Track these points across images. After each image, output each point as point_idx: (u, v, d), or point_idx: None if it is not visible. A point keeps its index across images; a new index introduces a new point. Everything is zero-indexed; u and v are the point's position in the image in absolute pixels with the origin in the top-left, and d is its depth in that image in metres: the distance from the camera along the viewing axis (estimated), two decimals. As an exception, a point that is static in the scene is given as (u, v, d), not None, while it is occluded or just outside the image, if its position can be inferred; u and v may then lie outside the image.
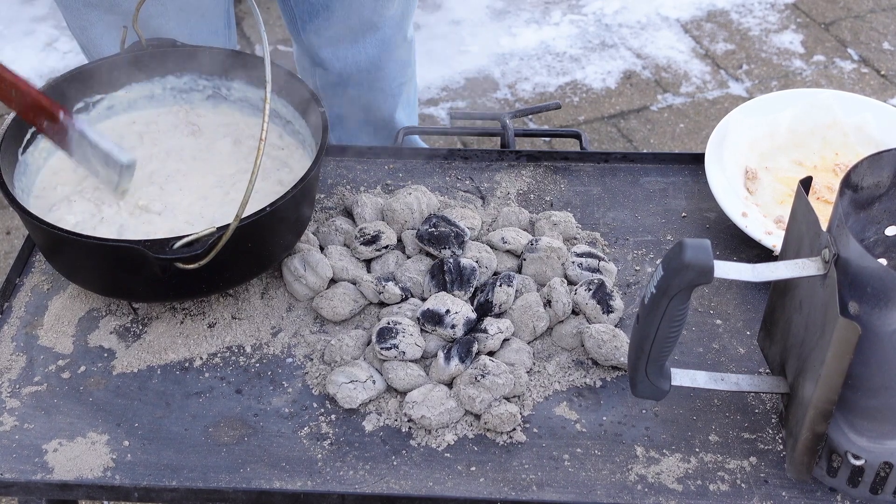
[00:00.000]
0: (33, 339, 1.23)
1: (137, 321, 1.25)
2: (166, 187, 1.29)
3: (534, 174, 1.44)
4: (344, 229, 1.32)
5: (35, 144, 1.29)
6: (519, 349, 1.18)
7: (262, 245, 1.19)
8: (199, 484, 1.08)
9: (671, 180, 1.43)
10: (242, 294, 1.27)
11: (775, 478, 1.07)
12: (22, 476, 1.08)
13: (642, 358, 1.03)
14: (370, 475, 1.08)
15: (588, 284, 1.22)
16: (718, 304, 1.26)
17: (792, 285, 1.06)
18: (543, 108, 1.57)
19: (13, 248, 2.62)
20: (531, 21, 3.39)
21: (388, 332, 1.16)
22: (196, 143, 1.36)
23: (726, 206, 1.32)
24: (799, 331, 1.03)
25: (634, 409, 1.14)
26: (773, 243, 1.27)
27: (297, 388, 1.17)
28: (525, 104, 3.00)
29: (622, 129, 2.94)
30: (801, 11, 3.37)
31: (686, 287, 0.96)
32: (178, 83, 1.39)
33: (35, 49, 3.31)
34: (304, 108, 1.31)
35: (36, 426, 1.13)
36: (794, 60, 3.17)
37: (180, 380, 1.18)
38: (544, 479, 1.08)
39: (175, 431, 1.13)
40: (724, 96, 3.03)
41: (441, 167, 1.45)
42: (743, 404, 1.14)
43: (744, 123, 1.43)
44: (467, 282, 1.22)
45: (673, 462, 1.09)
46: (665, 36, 3.29)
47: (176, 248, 1.08)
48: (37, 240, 1.24)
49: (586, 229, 1.35)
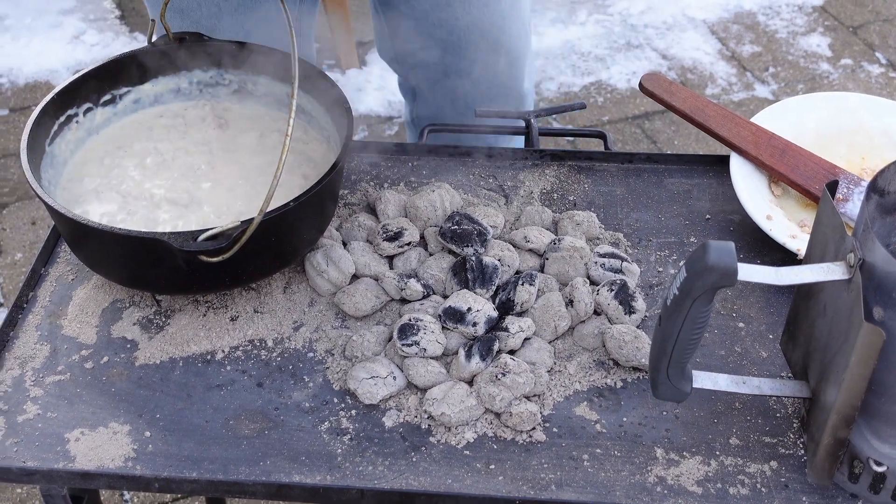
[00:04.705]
0: (57, 329, 1.24)
1: (160, 313, 1.25)
2: (193, 180, 1.30)
3: (558, 173, 1.44)
4: (367, 225, 1.32)
5: (62, 136, 1.30)
6: (540, 348, 1.18)
7: (285, 239, 1.19)
8: (219, 476, 1.08)
9: (695, 182, 1.42)
10: (265, 288, 1.27)
11: (796, 483, 1.07)
12: (44, 464, 1.09)
13: (664, 359, 1.02)
14: (389, 471, 1.08)
15: (610, 285, 1.22)
16: (741, 306, 1.25)
17: (816, 289, 1.05)
18: (568, 107, 1.57)
19: (38, 238, 2.65)
20: (556, 20, 3.39)
21: (410, 329, 1.16)
22: (223, 136, 1.36)
23: (751, 208, 1.32)
24: (822, 335, 1.03)
25: (655, 411, 1.14)
26: (797, 247, 1.26)
27: (317, 383, 1.17)
28: (549, 104, 3.00)
29: (646, 130, 2.93)
30: (829, 14, 3.35)
31: (709, 289, 0.95)
32: (205, 77, 1.40)
33: (63, 41, 3.33)
34: (330, 103, 1.32)
35: (59, 415, 1.14)
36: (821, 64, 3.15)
37: (202, 372, 1.19)
38: (563, 479, 1.08)
39: (196, 423, 1.13)
40: (750, 98, 3.02)
41: (465, 165, 1.45)
42: (764, 408, 1.14)
43: (770, 126, 1.42)
44: (489, 280, 1.22)
45: (693, 464, 1.09)
46: (691, 37, 3.28)
47: (200, 241, 1.09)
48: (62, 231, 1.25)
49: (609, 230, 1.35)
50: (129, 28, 3.39)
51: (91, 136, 1.35)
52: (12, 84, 3.19)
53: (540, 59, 3.20)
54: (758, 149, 1.37)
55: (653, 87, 1.47)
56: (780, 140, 1.38)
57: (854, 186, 1.34)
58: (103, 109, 1.35)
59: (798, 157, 1.36)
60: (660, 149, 2.83)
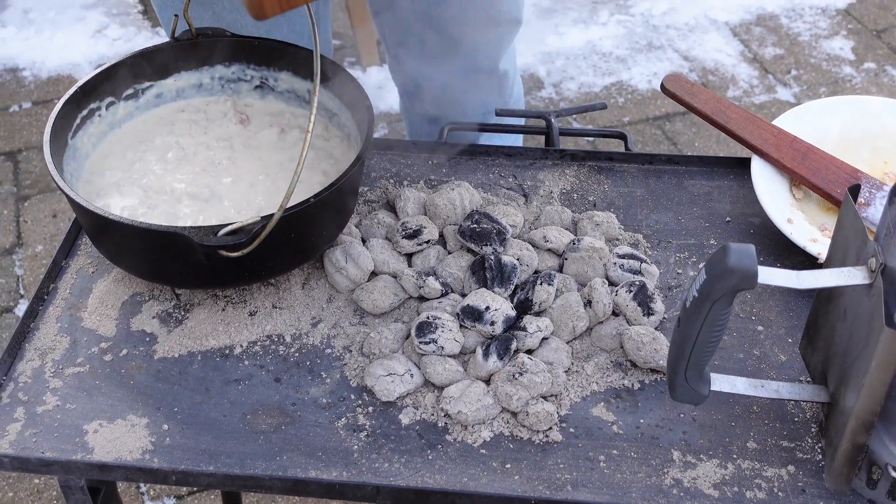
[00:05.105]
0: (77, 321, 1.25)
1: (180, 307, 1.26)
2: (214, 175, 1.30)
3: (577, 174, 1.44)
4: (386, 223, 1.32)
5: (84, 129, 1.31)
6: (557, 348, 1.18)
7: (305, 235, 1.20)
8: (235, 470, 1.09)
9: (716, 184, 1.42)
10: (284, 284, 1.27)
11: (813, 487, 1.06)
12: (62, 455, 1.10)
13: (682, 362, 1.02)
14: (405, 468, 1.09)
15: (629, 286, 1.22)
16: (760, 310, 1.25)
17: (836, 294, 1.04)
18: (589, 107, 1.57)
19: (59, 230, 2.66)
20: (578, 20, 3.39)
21: (428, 327, 1.16)
22: (244, 131, 1.37)
23: (771, 211, 1.31)
24: (842, 340, 1.02)
25: (672, 413, 1.14)
26: (817, 251, 1.26)
27: (335, 379, 1.18)
28: (570, 104, 3.00)
29: (667, 132, 2.92)
30: (852, 18, 3.33)
31: (729, 292, 0.95)
32: (227, 73, 1.40)
33: (85, 35, 3.35)
34: (350, 101, 1.32)
35: (77, 406, 1.15)
36: (843, 67, 3.13)
37: (220, 366, 1.19)
38: (579, 480, 1.07)
39: (213, 417, 1.14)
40: (772, 101, 3.00)
41: (485, 164, 1.45)
42: (782, 412, 1.13)
43: (792, 129, 1.41)
44: (508, 279, 1.22)
45: (710, 467, 1.08)
46: (713, 39, 3.27)
47: (220, 236, 1.09)
48: (83, 223, 1.26)
49: (629, 230, 1.35)
50: (151, 23, 3.41)
51: (113, 130, 1.36)
52: (35, 77, 3.21)
53: (561, 59, 3.20)
54: (779, 152, 1.37)
55: (674, 89, 1.46)
56: (802, 143, 1.38)
57: (876, 191, 1.33)
58: (125, 103, 1.36)
59: (820, 161, 1.36)
60: (680, 150, 2.82)
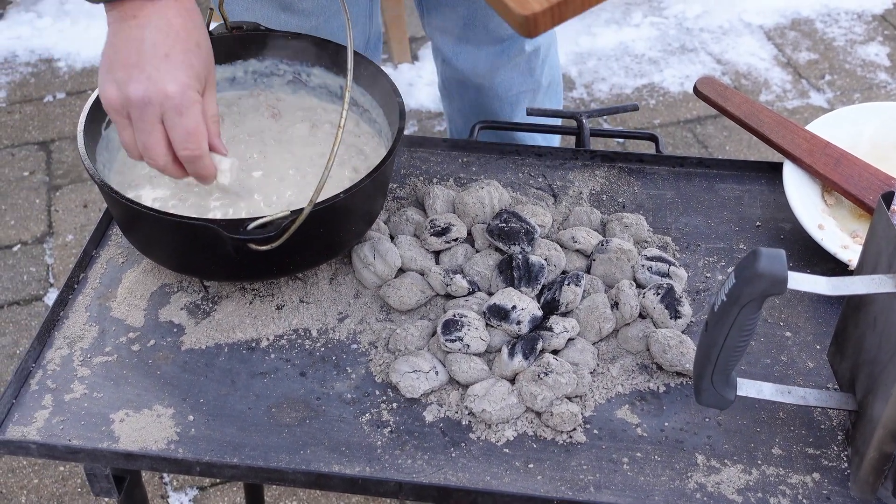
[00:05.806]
0: (106, 311, 1.26)
1: (208, 299, 1.27)
2: (245, 168, 1.31)
3: (607, 175, 1.43)
4: (415, 220, 1.32)
5: (118, 120, 1.32)
6: (583, 349, 1.18)
7: (333, 231, 1.20)
8: (259, 462, 1.09)
9: (747, 188, 1.41)
10: (311, 278, 1.28)
11: (838, 496, 1.06)
12: (89, 443, 1.11)
13: (708, 366, 1.02)
14: (428, 465, 1.09)
15: (657, 288, 1.21)
16: (789, 315, 1.24)
17: (867, 301, 1.04)
18: (621, 108, 1.56)
19: (89, 220, 2.68)
20: (611, 21, 3.37)
21: (454, 325, 1.17)
22: (276, 126, 1.37)
23: (803, 217, 1.30)
24: (872, 348, 1.01)
25: (697, 417, 1.13)
26: (848, 258, 1.25)
27: (360, 375, 1.18)
28: (601, 104, 2.99)
29: (698, 135, 2.91)
30: (888, 24, 3.30)
31: (758, 297, 0.95)
32: (260, 67, 1.40)
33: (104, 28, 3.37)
34: (382, 97, 1.32)
35: (104, 395, 1.16)
36: (878, 73, 3.11)
37: (246, 359, 1.20)
38: (602, 481, 1.07)
39: (239, 409, 1.14)
40: (805, 106, 2.98)
41: (514, 163, 1.45)
42: (809, 419, 1.13)
43: (825, 135, 1.40)
44: (535, 279, 1.22)
45: (734, 472, 1.08)
46: (747, 42, 3.25)
47: (250, 230, 1.10)
48: (115, 214, 1.27)
49: (658, 233, 1.34)
50: (185, 16, 3.42)
51: (146, 122, 1.36)
52: (70, 68, 3.23)
53: (593, 60, 3.19)
54: (812, 157, 1.36)
55: (707, 91, 1.45)
56: (835, 149, 1.37)
57: (909, 198, 1.32)
58: None
59: (853, 167, 1.35)
60: (711, 154, 2.81)
